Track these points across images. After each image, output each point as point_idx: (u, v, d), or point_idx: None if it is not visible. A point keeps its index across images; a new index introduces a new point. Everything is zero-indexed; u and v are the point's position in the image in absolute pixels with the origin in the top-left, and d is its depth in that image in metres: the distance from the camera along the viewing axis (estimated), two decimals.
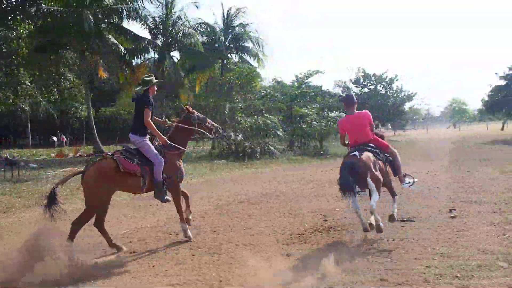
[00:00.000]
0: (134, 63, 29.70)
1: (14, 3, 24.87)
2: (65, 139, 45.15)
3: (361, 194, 6.94)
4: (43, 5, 25.08)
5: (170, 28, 29.92)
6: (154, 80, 6.96)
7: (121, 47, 27.50)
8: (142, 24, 29.06)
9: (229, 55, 33.94)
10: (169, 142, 6.69)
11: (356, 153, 6.63)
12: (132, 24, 31.02)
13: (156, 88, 7.01)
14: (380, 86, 45.33)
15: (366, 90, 45.44)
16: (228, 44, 33.18)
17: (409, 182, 7.33)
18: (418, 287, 4.49)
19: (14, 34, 25.48)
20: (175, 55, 31.75)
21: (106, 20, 28.20)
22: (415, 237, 6.30)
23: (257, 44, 33.17)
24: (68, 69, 34.28)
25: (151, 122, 6.58)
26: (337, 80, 48.12)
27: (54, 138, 44.52)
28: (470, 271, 4.83)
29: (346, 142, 7.47)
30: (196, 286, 4.76)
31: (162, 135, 6.66)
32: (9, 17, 24.20)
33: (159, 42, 30.22)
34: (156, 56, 30.46)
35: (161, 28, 30.00)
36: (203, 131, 7.29)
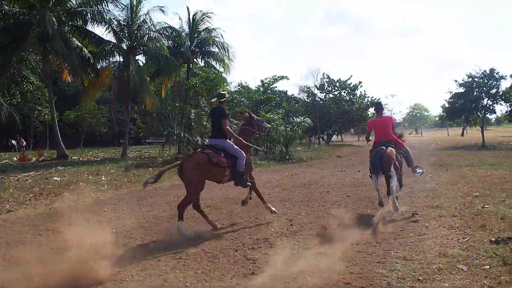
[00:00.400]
0: (98, 67, 29.32)
1: None
2: (24, 143, 43.94)
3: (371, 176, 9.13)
4: (5, 6, 24.54)
5: (135, 32, 29.66)
6: (227, 95, 8.76)
7: (86, 50, 27.13)
8: (107, 27, 28.73)
9: (194, 59, 33.85)
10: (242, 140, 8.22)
11: (383, 147, 8.73)
12: (96, 27, 30.48)
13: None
14: (344, 92, 46.00)
15: (330, 95, 46.03)
16: (193, 49, 33.09)
17: (419, 172, 9.67)
18: None
19: None
20: (141, 59, 31.53)
21: (70, 23, 27.78)
22: (378, 241, 6.44)
23: (223, 48, 33.21)
24: (31, 71, 33.60)
25: (229, 129, 8.13)
26: (302, 86, 48.55)
27: (14, 142, 43.30)
28: (431, 274, 4.97)
29: (370, 138, 10.05)
30: None
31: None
32: None
33: (124, 45, 29.91)
34: (121, 59, 30.13)
35: (126, 31, 29.68)
36: (259, 131, 8.92)
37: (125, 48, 29.73)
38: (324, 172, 17.29)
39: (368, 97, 46.61)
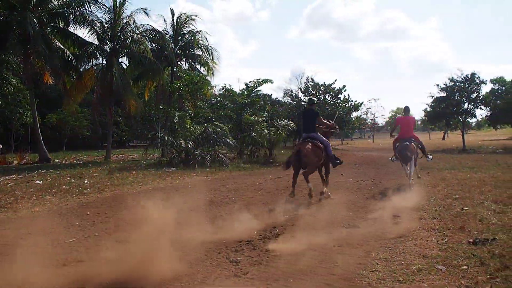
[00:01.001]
0: (81, 69, 29.09)
1: None
2: (0, 146, 43.18)
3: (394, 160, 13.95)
4: None
5: (119, 34, 29.51)
6: (316, 100, 13.19)
7: (68, 52, 26.92)
8: (89, 29, 28.53)
9: (178, 62, 33.80)
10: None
11: (407, 143, 12.27)
12: (79, 29, 30.21)
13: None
14: (328, 96, 46.28)
15: (315, 99, 46.33)
16: (177, 52, 33.03)
17: (430, 157, 13.96)
18: None
19: None
20: (124, 61, 31.35)
21: (51, 24, 27.54)
22: (360, 243, 6.53)
23: (207, 51, 33.21)
24: (12, 73, 33.18)
25: (323, 120, 11.80)
26: (286, 89, 48.67)
27: None
28: (411, 275, 5.07)
29: (393, 134, 14.18)
30: None
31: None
32: None
33: (107, 48, 29.73)
34: (104, 62, 29.94)
35: (109, 33, 29.52)
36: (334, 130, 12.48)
37: (108, 50, 29.56)
38: None
39: (352, 100, 47.02)
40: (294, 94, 46.91)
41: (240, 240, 6.86)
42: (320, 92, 46.13)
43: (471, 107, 35.87)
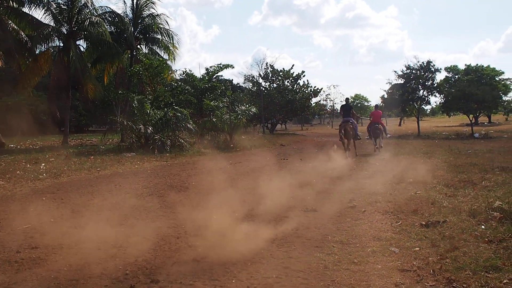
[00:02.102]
0: (37, 51, 28.16)
1: None
2: None
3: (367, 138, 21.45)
4: None
5: (76, 16, 28.66)
6: (350, 98, 23.56)
7: (23, 33, 25.98)
8: (45, 10, 27.59)
9: (138, 46, 33.20)
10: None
11: (378, 125, 19.44)
12: (34, 10, 29.03)
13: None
14: (287, 81, 46.45)
15: (274, 85, 46.34)
16: (137, 35, 32.43)
17: (389, 135, 25.15)
18: (318, 273, 4.76)
19: None
20: (82, 44, 30.55)
21: (4, 4, 26.47)
22: (317, 226, 6.67)
23: (167, 35, 32.73)
24: None
25: (356, 114, 19.25)
26: (247, 75, 48.55)
27: None
28: (365, 257, 5.22)
29: (370, 119, 21.41)
30: (101, 279, 4.74)
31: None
32: None
33: (64, 30, 28.85)
34: (61, 44, 29.07)
35: (66, 15, 28.63)
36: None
37: (65, 33, 28.70)
38: (267, 160, 17.52)
39: (311, 86, 47.36)
40: (255, 80, 46.86)
41: (199, 225, 6.88)
42: (280, 78, 46.21)
43: (426, 94, 36.78)
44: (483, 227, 6.07)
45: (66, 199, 9.40)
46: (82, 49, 30.36)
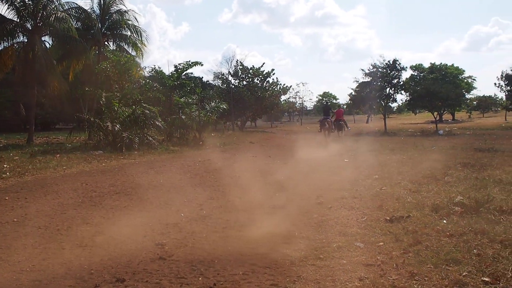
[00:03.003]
0: (0, 47, 27.42)
1: None
2: None
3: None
4: None
5: (41, 11, 28.01)
6: (328, 101, 43.17)
7: None
8: (9, 5, 26.87)
9: (106, 42, 32.73)
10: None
11: (341, 121, 25.32)
12: None
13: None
14: (257, 79, 46.56)
15: (244, 83, 46.42)
16: (105, 31, 31.97)
17: (349, 128, 28.50)
18: (284, 269, 4.80)
19: None
20: (47, 40, 29.89)
21: None
22: (285, 223, 6.73)
23: (136, 32, 32.38)
24: None
25: (332, 110, 27.22)
26: (216, 72, 48.49)
27: None
28: (331, 252, 5.29)
29: (328, 119, 24.06)
30: (65, 279, 4.68)
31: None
32: None
33: (28, 25, 28.16)
34: (25, 40, 28.37)
35: (30, 10, 27.95)
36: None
37: (30, 28, 28.03)
38: (236, 158, 17.55)
39: (280, 84, 47.59)
40: (224, 77, 46.83)
41: (167, 223, 6.87)
42: (249, 75, 46.30)
43: (393, 92, 37.45)
44: (445, 221, 6.24)
45: (30, 198, 9.22)
46: (47, 45, 29.71)
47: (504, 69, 52.05)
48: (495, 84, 43.03)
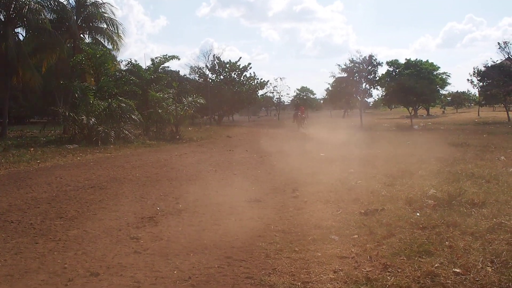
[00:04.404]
0: None
1: None
2: None
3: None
4: None
5: (14, 2, 27.43)
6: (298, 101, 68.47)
7: None
8: None
9: (81, 35, 32.26)
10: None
11: (304, 116, 35.30)
12: None
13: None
14: (234, 73, 46.50)
15: (221, 77, 46.31)
16: (80, 24, 31.50)
17: (306, 122, 36.27)
18: (260, 262, 4.83)
19: None
20: (20, 32, 29.34)
21: None
22: (260, 216, 6.75)
23: (112, 25, 32.03)
24: None
25: (300, 107, 39.10)
26: (193, 67, 48.27)
27: None
28: (306, 245, 5.32)
29: (299, 113, 34.88)
30: (38, 274, 4.60)
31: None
32: None
33: (1, 16, 27.57)
34: None
35: (3, 1, 27.34)
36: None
37: (2, 19, 27.44)
38: (213, 152, 17.53)
39: (258, 79, 47.63)
40: (202, 72, 46.64)
41: (142, 217, 6.83)
42: (227, 70, 46.21)
43: (369, 88, 37.85)
44: (418, 214, 6.33)
45: (3, 193, 9.06)
46: (21, 37, 29.16)
47: (476, 65, 52.92)
48: (468, 80, 43.68)
